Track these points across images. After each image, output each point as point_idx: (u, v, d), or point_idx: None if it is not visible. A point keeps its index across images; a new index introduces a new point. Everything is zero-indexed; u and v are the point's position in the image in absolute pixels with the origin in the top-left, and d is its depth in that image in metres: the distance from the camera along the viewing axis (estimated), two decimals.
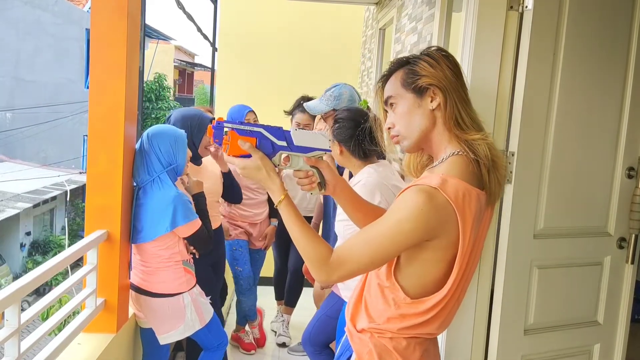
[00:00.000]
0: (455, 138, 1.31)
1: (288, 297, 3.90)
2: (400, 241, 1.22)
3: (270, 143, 1.36)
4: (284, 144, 1.37)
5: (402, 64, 1.37)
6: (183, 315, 2.35)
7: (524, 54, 1.96)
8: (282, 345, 3.79)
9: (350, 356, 1.42)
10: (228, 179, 3.02)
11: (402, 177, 2.95)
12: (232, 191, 3.07)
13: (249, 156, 1.33)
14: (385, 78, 1.41)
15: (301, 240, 1.30)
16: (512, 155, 1.98)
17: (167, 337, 2.36)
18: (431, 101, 1.31)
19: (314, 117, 3.53)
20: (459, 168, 1.28)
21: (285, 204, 1.33)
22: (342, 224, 2.19)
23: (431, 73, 1.30)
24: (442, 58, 1.33)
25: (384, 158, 2.68)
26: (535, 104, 1.98)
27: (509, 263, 2.03)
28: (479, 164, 1.29)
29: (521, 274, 2.06)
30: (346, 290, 2.23)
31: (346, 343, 1.48)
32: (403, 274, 1.31)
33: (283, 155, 1.38)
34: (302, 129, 3.42)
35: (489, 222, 1.39)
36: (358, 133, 2.18)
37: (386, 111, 1.41)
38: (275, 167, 1.38)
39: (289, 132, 1.38)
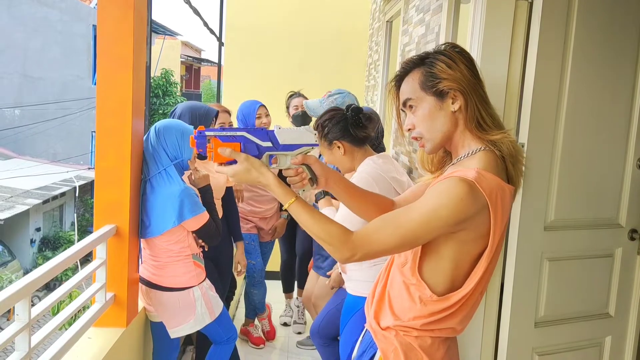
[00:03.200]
0: (477, 138, 1.32)
1: (300, 281, 3.93)
2: (434, 227, 1.21)
3: (255, 146, 1.33)
4: (269, 144, 1.34)
5: (417, 64, 1.35)
6: (193, 309, 2.36)
7: (533, 44, 1.94)
8: (298, 333, 3.84)
9: (374, 354, 1.41)
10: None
11: (411, 170, 2.94)
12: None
13: (235, 162, 1.31)
14: (399, 78, 1.39)
15: (314, 227, 1.28)
16: (522, 146, 1.96)
17: (177, 330, 2.37)
18: (452, 103, 1.31)
19: None
20: (490, 163, 1.28)
21: (296, 205, 1.30)
22: None
23: (450, 75, 1.29)
24: (458, 56, 1.31)
25: (383, 149, 2.68)
26: (545, 94, 1.95)
27: (519, 255, 2.02)
28: (504, 160, 1.30)
29: (532, 266, 2.05)
30: (349, 281, 2.22)
31: (368, 340, 1.46)
32: (428, 270, 1.30)
33: (270, 157, 1.35)
34: (300, 111, 3.54)
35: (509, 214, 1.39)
36: (347, 121, 2.16)
37: (402, 111, 1.40)
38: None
39: (272, 132, 1.35)
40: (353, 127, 2.16)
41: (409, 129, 1.37)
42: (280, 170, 1.37)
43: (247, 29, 5.71)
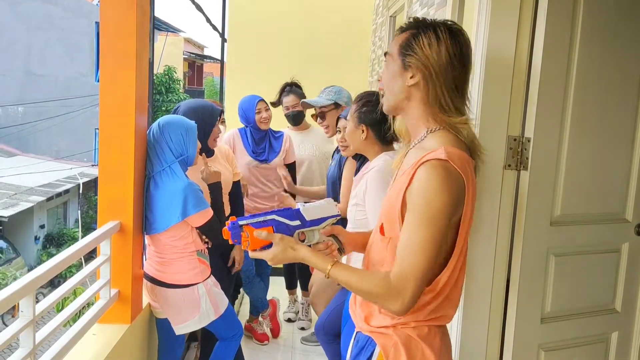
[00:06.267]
0: (438, 122, 1.32)
1: (302, 281, 3.92)
2: (439, 223, 1.20)
3: (285, 226, 1.38)
4: (297, 223, 1.40)
5: (413, 26, 1.35)
6: (198, 305, 2.35)
7: (539, 38, 1.92)
8: (302, 329, 3.84)
9: (372, 352, 1.39)
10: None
11: None
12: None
13: (270, 245, 1.34)
14: (401, 30, 1.39)
15: (358, 283, 1.28)
16: (528, 141, 1.94)
17: (182, 327, 2.37)
18: (410, 77, 1.32)
19: (301, 98, 3.58)
20: (451, 140, 1.29)
21: (335, 269, 1.30)
22: (355, 208, 2.18)
23: (423, 54, 1.29)
24: (446, 39, 1.29)
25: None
26: (551, 88, 1.94)
27: (525, 251, 2.00)
28: (465, 145, 1.32)
29: (537, 261, 2.04)
30: None
31: (363, 341, 1.44)
32: None
33: (299, 234, 1.41)
34: (292, 111, 3.51)
35: None
36: (388, 118, 2.14)
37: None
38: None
39: (298, 210, 1.41)
40: (386, 127, 2.14)
41: (379, 80, 1.40)
42: (309, 245, 1.42)
43: (250, 25, 5.69)
